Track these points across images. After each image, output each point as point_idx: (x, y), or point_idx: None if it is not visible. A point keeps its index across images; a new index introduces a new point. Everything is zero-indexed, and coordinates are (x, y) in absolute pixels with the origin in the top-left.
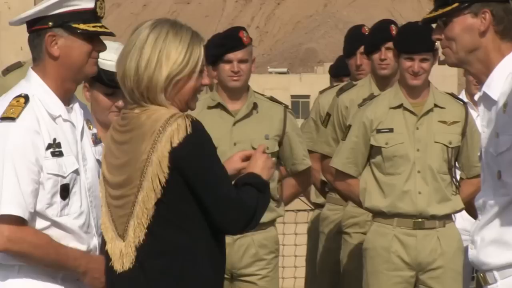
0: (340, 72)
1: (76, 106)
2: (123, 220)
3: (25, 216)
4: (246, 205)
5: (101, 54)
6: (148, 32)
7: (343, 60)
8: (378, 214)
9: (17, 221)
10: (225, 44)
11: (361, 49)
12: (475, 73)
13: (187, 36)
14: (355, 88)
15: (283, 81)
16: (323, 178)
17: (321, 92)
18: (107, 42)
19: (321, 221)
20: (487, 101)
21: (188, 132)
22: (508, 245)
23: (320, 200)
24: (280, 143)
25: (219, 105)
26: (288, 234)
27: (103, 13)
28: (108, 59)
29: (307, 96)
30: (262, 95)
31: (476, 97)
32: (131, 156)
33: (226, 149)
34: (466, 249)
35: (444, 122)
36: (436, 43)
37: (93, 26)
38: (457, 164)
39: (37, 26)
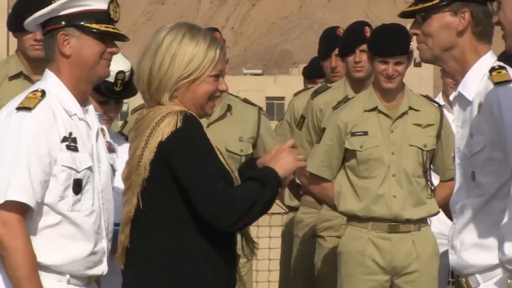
0: (314, 73)
1: (91, 108)
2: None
3: (32, 204)
4: (235, 201)
5: None
6: (165, 34)
7: (317, 61)
8: (352, 217)
9: (23, 208)
10: None
11: (336, 51)
12: (450, 71)
13: (203, 40)
14: (329, 90)
15: (258, 82)
16: (298, 181)
17: (296, 94)
18: None
19: (296, 224)
20: (462, 101)
21: (177, 127)
22: (488, 247)
23: (295, 203)
24: (254, 146)
25: None
26: (262, 237)
27: (117, 17)
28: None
29: (282, 98)
30: (236, 96)
31: (451, 97)
32: (131, 153)
33: None
34: (442, 253)
35: (419, 125)
36: (411, 45)
37: (106, 27)
38: (432, 167)
39: (50, 27)
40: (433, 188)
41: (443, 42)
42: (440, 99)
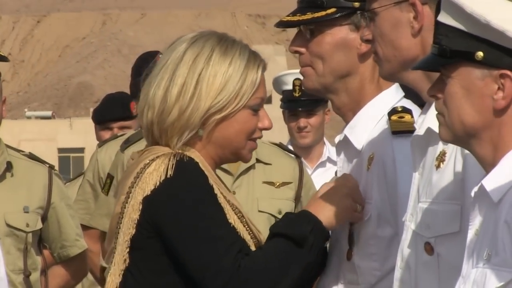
0: (107, 116)
1: None
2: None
3: None
4: (253, 278)
5: None
6: (186, 47)
7: (113, 99)
8: None
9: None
10: None
11: None
12: (339, 106)
13: (241, 56)
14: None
15: (47, 129)
16: (104, 264)
17: (100, 145)
18: None
19: None
20: (349, 149)
21: (168, 175)
22: None
23: None
24: (43, 219)
25: None
26: None
27: None
28: None
29: (81, 150)
30: (19, 151)
31: (336, 140)
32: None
33: None
34: None
35: (271, 184)
36: None
37: None
38: None
39: None
40: None
41: (338, 67)
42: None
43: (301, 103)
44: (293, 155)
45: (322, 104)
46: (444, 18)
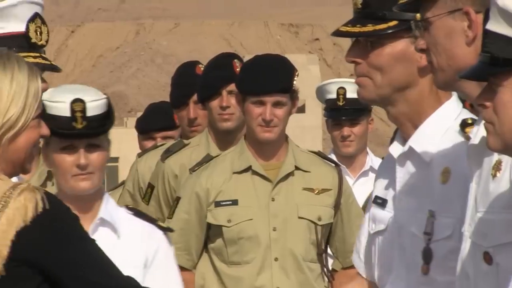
0: (150, 126)
1: None
2: None
3: None
4: None
5: None
6: None
7: (156, 108)
8: None
9: None
10: None
11: (195, 96)
12: (397, 117)
13: (21, 69)
14: (186, 149)
15: None
16: None
17: (140, 154)
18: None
19: None
20: (414, 160)
21: (44, 207)
22: None
23: None
24: None
25: None
26: None
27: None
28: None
29: (115, 159)
30: None
31: (394, 152)
32: None
33: None
34: None
35: (311, 190)
36: (294, 82)
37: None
38: (329, 249)
39: None
40: (330, 277)
41: (397, 79)
42: (332, 157)
43: (344, 112)
44: (332, 163)
45: (365, 113)
46: (494, 26)
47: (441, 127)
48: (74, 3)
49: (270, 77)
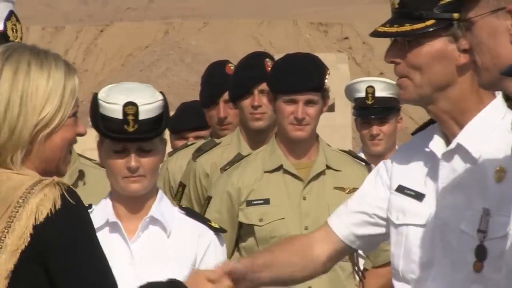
0: (183, 126)
1: None
2: None
3: None
4: None
5: None
6: (1, 64)
7: (188, 108)
8: None
9: None
10: None
11: (225, 95)
12: (438, 114)
13: (58, 67)
14: (218, 148)
15: None
16: None
17: (171, 154)
18: None
19: None
20: (462, 157)
21: (57, 207)
22: None
23: None
24: None
25: None
26: None
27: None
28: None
29: None
30: (90, 159)
31: (437, 151)
32: None
33: None
34: None
35: (342, 189)
36: (326, 80)
37: None
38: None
39: None
40: (361, 276)
41: (437, 78)
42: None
43: (373, 110)
44: (362, 162)
45: (394, 111)
46: None
47: (489, 126)
48: (102, 2)
49: (302, 75)
